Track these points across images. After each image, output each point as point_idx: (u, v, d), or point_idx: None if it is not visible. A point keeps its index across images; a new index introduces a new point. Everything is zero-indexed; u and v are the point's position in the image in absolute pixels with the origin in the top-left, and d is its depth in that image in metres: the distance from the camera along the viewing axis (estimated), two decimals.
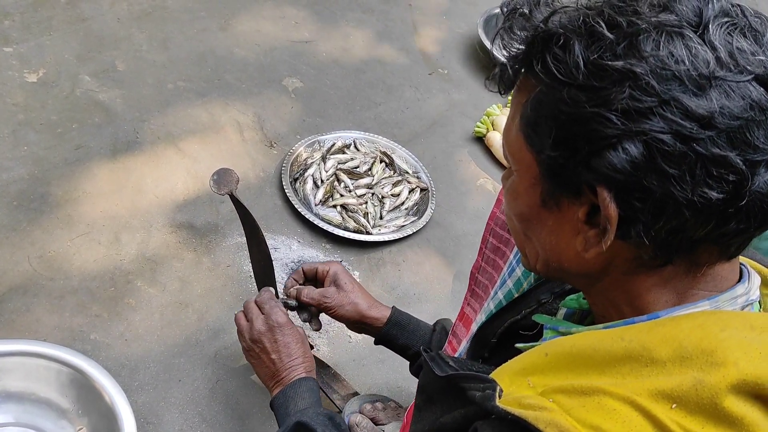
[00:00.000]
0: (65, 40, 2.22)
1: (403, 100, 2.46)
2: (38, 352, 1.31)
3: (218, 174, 1.49)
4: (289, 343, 1.30)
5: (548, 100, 0.65)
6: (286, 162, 2.02)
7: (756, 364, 0.60)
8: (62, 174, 1.83)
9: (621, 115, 0.59)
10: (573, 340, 0.68)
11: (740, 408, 0.59)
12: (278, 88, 2.32)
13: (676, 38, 0.60)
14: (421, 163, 2.18)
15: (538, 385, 0.66)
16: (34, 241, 1.67)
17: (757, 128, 0.59)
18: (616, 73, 0.60)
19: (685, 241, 0.63)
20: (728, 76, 0.59)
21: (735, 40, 0.61)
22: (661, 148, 0.59)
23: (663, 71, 0.59)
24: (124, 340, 1.54)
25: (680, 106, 0.58)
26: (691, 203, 0.60)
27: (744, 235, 0.64)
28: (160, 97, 2.14)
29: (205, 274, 1.72)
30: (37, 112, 1.97)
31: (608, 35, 0.61)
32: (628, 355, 0.63)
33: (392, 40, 2.73)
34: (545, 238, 0.72)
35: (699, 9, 0.62)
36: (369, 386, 1.61)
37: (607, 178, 0.62)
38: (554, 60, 0.63)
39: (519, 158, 0.71)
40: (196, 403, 1.48)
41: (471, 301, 1.12)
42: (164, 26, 2.40)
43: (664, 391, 0.60)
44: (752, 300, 0.70)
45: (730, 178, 0.59)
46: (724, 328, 0.63)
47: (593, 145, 0.61)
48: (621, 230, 0.63)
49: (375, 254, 1.92)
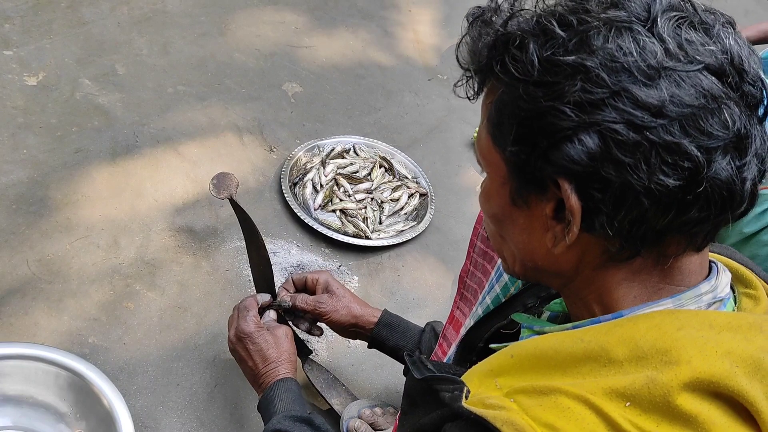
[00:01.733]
0: (65, 43, 2.22)
1: (403, 105, 2.47)
2: (36, 355, 1.31)
3: (218, 178, 1.49)
4: (261, 349, 1.31)
5: (509, 99, 0.67)
6: (285, 166, 2.02)
7: (711, 362, 0.61)
8: (61, 177, 1.83)
9: (575, 108, 0.61)
10: (536, 342, 0.69)
11: (695, 406, 0.60)
12: (278, 92, 2.32)
13: (624, 32, 0.62)
14: (420, 168, 2.18)
15: (505, 386, 0.67)
16: (33, 244, 1.66)
17: (710, 116, 0.61)
18: (568, 68, 0.62)
19: (650, 232, 0.64)
20: (678, 66, 0.61)
21: (684, 33, 0.63)
22: (615, 137, 0.60)
23: (612, 64, 0.61)
24: (123, 344, 1.54)
25: (631, 97, 0.60)
26: (649, 191, 0.61)
27: (706, 223, 0.65)
28: (160, 101, 2.14)
29: (204, 278, 1.72)
30: (36, 116, 1.97)
31: (560, 33, 0.63)
32: (587, 355, 0.65)
33: (392, 45, 2.74)
34: (518, 237, 0.74)
35: (647, 5, 0.64)
36: (368, 391, 1.61)
37: (566, 170, 0.63)
38: (512, 60, 0.65)
39: (488, 159, 0.73)
40: (194, 407, 1.48)
41: (460, 305, 1.14)
42: (164, 31, 2.41)
43: (618, 390, 0.61)
44: (720, 297, 0.71)
45: (686, 164, 0.60)
46: (681, 327, 0.64)
47: (551, 138, 0.63)
48: (585, 222, 0.65)
49: (374, 259, 1.92)
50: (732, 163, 0.62)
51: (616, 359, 0.63)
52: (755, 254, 1.72)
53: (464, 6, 0.69)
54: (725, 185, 0.62)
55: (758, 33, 2.22)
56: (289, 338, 1.35)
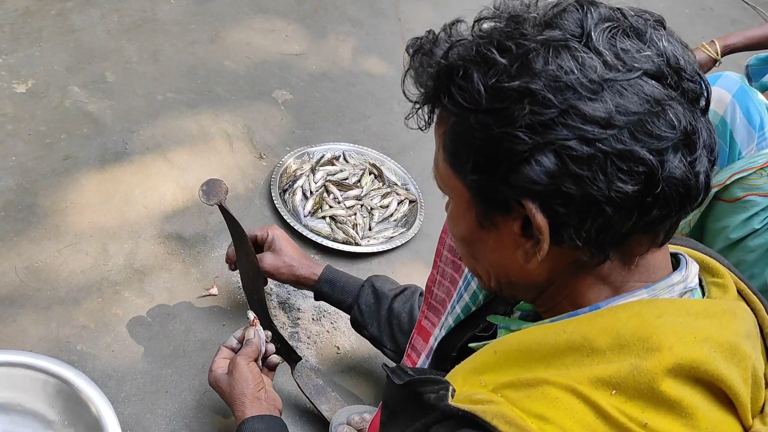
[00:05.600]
0: (55, 51, 2.22)
1: (392, 112, 2.48)
2: (24, 362, 1.31)
3: (207, 185, 1.50)
4: (223, 392, 1.32)
5: (461, 129, 0.68)
6: (275, 173, 2.03)
7: (690, 348, 0.63)
8: (50, 184, 1.83)
9: (527, 131, 0.63)
10: (519, 336, 0.71)
11: (678, 391, 0.62)
12: (268, 100, 2.33)
13: (563, 51, 0.63)
14: (409, 175, 2.19)
15: (490, 382, 0.68)
16: (21, 251, 1.66)
17: (656, 119, 0.63)
18: (514, 93, 0.63)
19: (616, 236, 0.66)
20: (618, 77, 0.63)
21: (619, 42, 0.64)
22: (570, 153, 0.62)
23: (556, 83, 0.62)
24: (111, 351, 1.54)
25: (578, 113, 0.62)
26: (610, 199, 0.63)
27: (667, 221, 0.67)
28: (150, 108, 2.14)
29: (194, 284, 1.72)
30: (25, 123, 1.97)
31: (501, 60, 0.64)
32: (570, 346, 0.66)
33: (381, 53, 2.75)
34: (490, 256, 0.75)
35: (580, 20, 0.65)
36: (357, 397, 1.61)
37: (528, 191, 0.65)
38: (459, 90, 0.66)
39: (450, 186, 0.74)
40: (183, 414, 1.47)
41: (428, 314, 1.14)
42: (154, 38, 2.41)
43: (604, 378, 0.63)
44: (690, 287, 0.73)
45: (640, 169, 0.62)
46: (660, 315, 0.66)
47: (508, 162, 0.64)
48: (554, 237, 0.66)
49: (364, 265, 1.92)
50: (684, 159, 0.64)
51: (598, 348, 0.65)
52: (742, 260, 1.73)
53: (453, 14, 0.70)
54: (681, 182, 0.64)
55: (744, 40, 2.24)
56: (239, 372, 1.31)
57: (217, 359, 1.37)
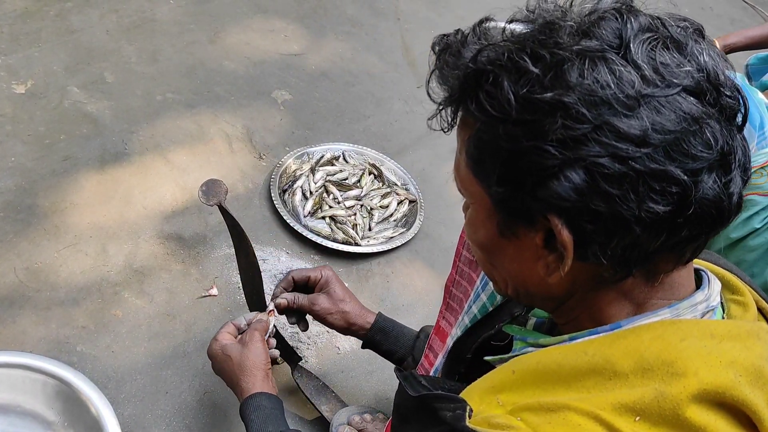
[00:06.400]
0: (54, 51, 2.22)
1: (392, 112, 2.47)
2: (24, 363, 1.30)
3: (207, 185, 1.49)
4: (223, 368, 1.30)
5: (488, 138, 0.66)
6: (275, 174, 2.03)
7: (716, 372, 0.61)
8: (50, 185, 1.82)
9: (558, 145, 0.60)
10: (539, 356, 0.69)
11: (702, 417, 0.60)
12: (267, 100, 2.33)
13: (599, 63, 0.61)
14: (409, 175, 2.19)
15: (507, 403, 0.66)
16: (20, 252, 1.66)
17: (692, 138, 0.60)
18: (546, 106, 0.61)
19: (642, 254, 0.64)
20: (656, 93, 0.60)
21: (658, 55, 0.62)
22: (601, 171, 0.60)
23: (591, 98, 0.60)
24: (111, 352, 1.53)
25: (613, 129, 0.59)
26: (640, 219, 0.61)
27: (697, 241, 0.65)
28: (149, 108, 2.14)
29: (193, 285, 1.72)
30: (24, 124, 1.97)
31: (533, 69, 0.62)
32: (591, 369, 0.64)
33: (381, 53, 2.75)
34: (508, 265, 0.73)
35: (619, 30, 0.63)
36: (357, 398, 1.61)
37: (555, 207, 0.63)
38: (487, 97, 0.64)
39: (471, 192, 0.72)
40: (183, 415, 1.47)
41: (446, 314, 1.13)
42: (153, 38, 2.41)
43: (627, 404, 0.61)
44: (712, 306, 0.71)
45: (673, 190, 0.60)
46: (684, 338, 0.64)
47: (536, 176, 0.62)
48: (578, 253, 0.64)
49: (364, 265, 1.92)
50: (718, 180, 0.62)
51: (621, 372, 0.63)
52: (742, 259, 1.73)
53: (452, 14, 0.70)
54: (713, 204, 0.62)
55: (745, 39, 2.24)
56: (254, 346, 1.29)
57: (222, 331, 1.33)
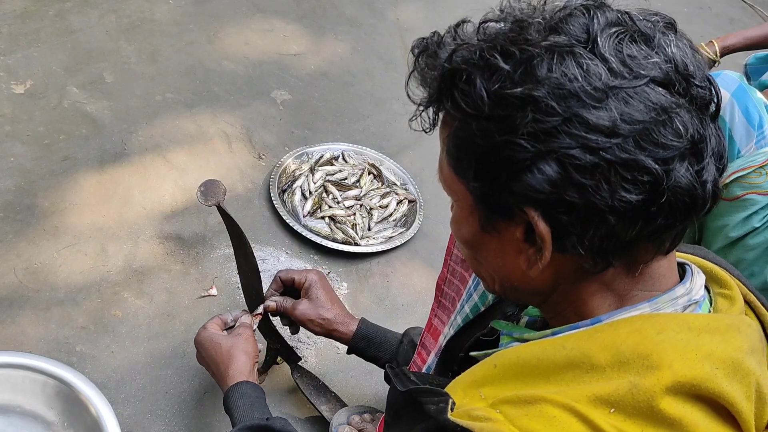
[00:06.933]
0: (53, 52, 2.22)
1: (391, 112, 2.47)
2: (24, 364, 1.31)
3: (205, 185, 1.49)
4: (210, 355, 1.32)
5: (464, 135, 0.67)
6: (274, 174, 2.03)
7: (691, 365, 0.62)
8: (49, 185, 1.82)
9: (529, 138, 0.62)
10: (519, 350, 0.70)
11: (678, 409, 0.61)
12: (267, 100, 2.33)
13: (567, 57, 0.62)
14: (408, 175, 2.19)
15: (489, 396, 0.67)
16: (20, 252, 1.66)
17: (662, 127, 0.61)
18: (517, 100, 0.62)
19: (619, 244, 0.65)
20: (624, 84, 0.61)
21: (626, 48, 0.63)
22: (572, 162, 0.61)
23: (560, 91, 0.61)
24: (111, 352, 1.53)
25: (582, 121, 0.61)
26: (614, 209, 0.62)
27: (673, 229, 0.66)
28: (148, 108, 2.14)
29: (193, 285, 1.72)
30: (24, 124, 1.97)
31: (504, 66, 0.63)
32: (569, 362, 0.65)
33: (380, 53, 2.75)
34: (492, 261, 0.74)
35: (586, 25, 0.64)
36: (357, 398, 1.61)
37: (530, 199, 0.64)
38: (462, 95, 0.65)
39: (454, 190, 0.73)
40: (183, 415, 1.47)
41: (438, 312, 1.14)
42: (153, 39, 2.41)
43: (602, 397, 0.62)
44: (695, 300, 0.71)
45: (645, 178, 0.61)
46: (661, 331, 0.65)
47: (510, 170, 0.64)
48: (557, 244, 0.65)
49: (363, 265, 1.92)
50: (690, 168, 0.63)
51: (598, 365, 0.64)
52: (741, 258, 1.73)
53: (451, 14, 0.70)
54: (687, 192, 0.63)
55: (743, 40, 2.25)
56: (245, 337, 1.33)
57: (211, 322, 1.36)
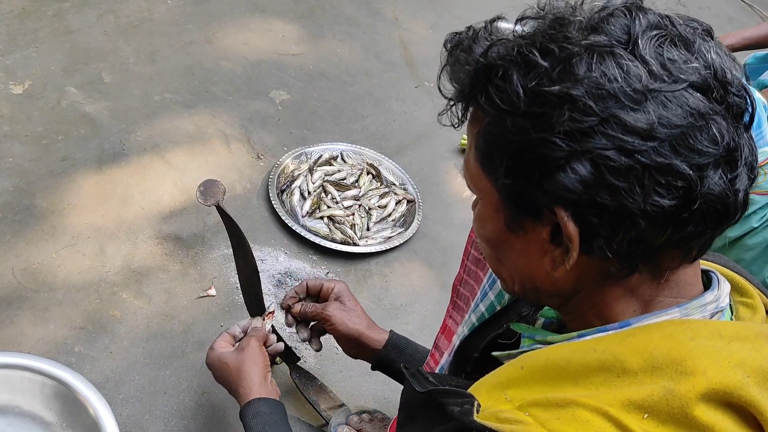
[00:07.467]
0: (51, 52, 2.22)
1: (390, 112, 2.47)
2: (22, 364, 1.30)
3: (204, 185, 1.49)
4: (229, 369, 1.28)
5: (497, 131, 0.67)
6: (273, 174, 2.03)
7: (724, 372, 0.62)
8: (47, 186, 1.82)
9: (565, 137, 0.61)
10: (547, 352, 0.69)
11: (710, 417, 0.61)
12: (265, 100, 2.33)
13: (607, 58, 0.62)
14: (407, 175, 2.19)
15: (516, 398, 0.66)
16: (18, 253, 1.65)
17: (699, 133, 0.61)
18: (554, 98, 0.62)
19: (647, 249, 0.65)
20: (663, 87, 0.61)
21: (666, 52, 0.63)
22: (607, 164, 0.61)
23: (598, 91, 0.61)
24: (109, 353, 1.53)
25: (619, 122, 0.60)
26: (645, 213, 0.61)
27: (703, 237, 0.66)
28: (147, 109, 2.14)
29: (192, 285, 1.71)
30: (22, 124, 1.96)
31: (542, 63, 0.63)
32: (600, 366, 0.64)
33: (379, 53, 2.75)
34: (516, 260, 0.74)
35: (627, 26, 0.64)
36: (356, 398, 1.61)
37: (561, 199, 0.63)
38: (496, 91, 0.65)
39: (480, 187, 0.73)
40: (181, 415, 1.47)
41: (453, 313, 1.12)
42: (151, 39, 2.40)
43: (636, 402, 0.61)
44: (722, 307, 0.71)
45: (679, 184, 0.61)
46: (693, 338, 0.64)
47: (543, 169, 0.63)
48: (584, 246, 0.65)
49: (362, 265, 1.92)
50: (724, 176, 0.62)
51: (630, 370, 0.63)
52: (740, 258, 1.73)
53: (450, 14, 0.70)
54: (719, 200, 0.63)
55: (742, 40, 2.25)
56: (252, 349, 1.29)
57: (219, 340, 1.33)
